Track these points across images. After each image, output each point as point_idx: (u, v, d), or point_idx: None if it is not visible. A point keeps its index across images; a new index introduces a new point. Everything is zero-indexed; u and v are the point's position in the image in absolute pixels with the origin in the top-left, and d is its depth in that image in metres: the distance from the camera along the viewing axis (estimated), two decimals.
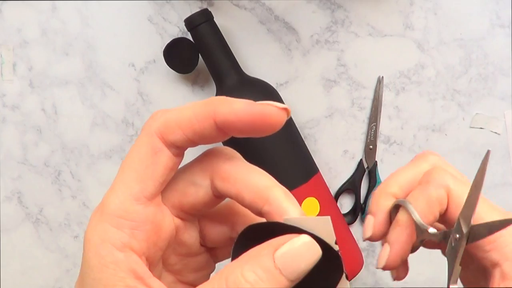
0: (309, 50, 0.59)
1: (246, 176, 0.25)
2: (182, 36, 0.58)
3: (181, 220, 0.26)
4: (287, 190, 0.25)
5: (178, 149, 0.25)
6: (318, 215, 0.53)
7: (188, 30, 0.54)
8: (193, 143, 0.25)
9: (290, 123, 0.55)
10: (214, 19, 0.55)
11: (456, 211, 0.31)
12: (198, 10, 0.56)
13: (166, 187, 0.26)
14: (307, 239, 0.23)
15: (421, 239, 0.32)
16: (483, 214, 0.29)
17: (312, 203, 0.53)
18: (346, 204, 0.61)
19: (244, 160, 0.26)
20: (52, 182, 0.61)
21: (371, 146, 0.60)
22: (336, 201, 0.60)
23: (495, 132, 0.60)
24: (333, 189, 0.60)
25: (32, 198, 0.61)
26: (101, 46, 0.60)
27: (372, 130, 0.60)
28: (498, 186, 0.60)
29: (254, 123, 0.24)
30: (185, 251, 0.27)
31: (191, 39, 0.55)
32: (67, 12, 0.59)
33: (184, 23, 0.54)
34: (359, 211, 0.60)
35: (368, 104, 0.60)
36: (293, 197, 0.25)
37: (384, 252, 0.31)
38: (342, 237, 0.54)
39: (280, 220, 0.24)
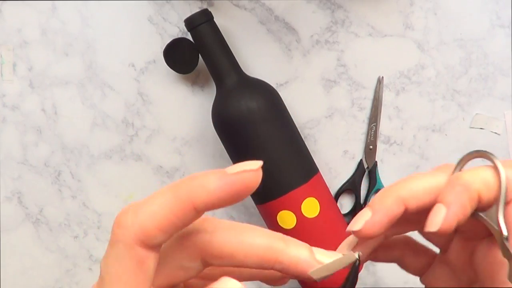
0: (309, 50, 0.59)
1: (241, 245, 0.24)
2: (182, 36, 0.58)
3: None
4: (283, 235, 0.25)
5: (160, 246, 0.24)
6: (318, 215, 0.53)
7: (188, 30, 0.54)
8: (175, 233, 0.23)
9: (290, 123, 0.55)
10: (214, 19, 0.55)
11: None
12: (198, 10, 0.56)
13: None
14: None
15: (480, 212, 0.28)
16: None
17: (312, 203, 0.53)
18: (346, 204, 0.61)
19: (228, 223, 0.25)
20: (52, 182, 0.61)
21: (371, 146, 0.60)
22: (336, 201, 0.60)
23: (495, 132, 0.60)
24: (333, 189, 0.60)
25: (32, 198, 0.61)
26: (101, 46, 0.60)
27: (372, 130, 0.60)
28: None
29: (234, 195, 0.23)
30: None
31: (191, 39, 0.55)
32: (67, 12, 0.59)
33: (184, 23, 0.54)
34: (359, 211, 0.60)
35: (368, 104, 0.60)
36: (291, 238, 0.24)
37: (439, 214, 0.26)
38: (342, 238, 0.54)
39: (305, 274, 0.24)
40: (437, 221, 0.26)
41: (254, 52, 0.59)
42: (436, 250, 0.34)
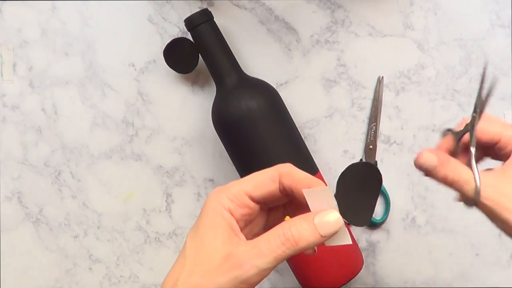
0: (309, 50, 0.60)
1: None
2: (182, 36, 0.58)
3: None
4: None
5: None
6: None
7: (188, 30, 0.54)
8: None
9: (290, 123, 0.55)
10: (214, 19, 0.55)
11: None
12: (198, 10, 0.56)
13: None
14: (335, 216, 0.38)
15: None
16: None
17: None
18: None
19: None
20: (52, 182, 0.61)
21: (371, 146, 0.60)
22: None
23: None
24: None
25: (32, 198, 0.61)
26: (101, 46, 0.60)
27: (372, 130, 0.60)
28: None
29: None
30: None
31: (191, 39, 0.55)
32: (67, 12, 0.59)
33: (184, 23, 0.54)
34: None
35: (368, 104, 0.60)
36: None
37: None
38: None
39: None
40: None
41: (254, 52, 0.59)
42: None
